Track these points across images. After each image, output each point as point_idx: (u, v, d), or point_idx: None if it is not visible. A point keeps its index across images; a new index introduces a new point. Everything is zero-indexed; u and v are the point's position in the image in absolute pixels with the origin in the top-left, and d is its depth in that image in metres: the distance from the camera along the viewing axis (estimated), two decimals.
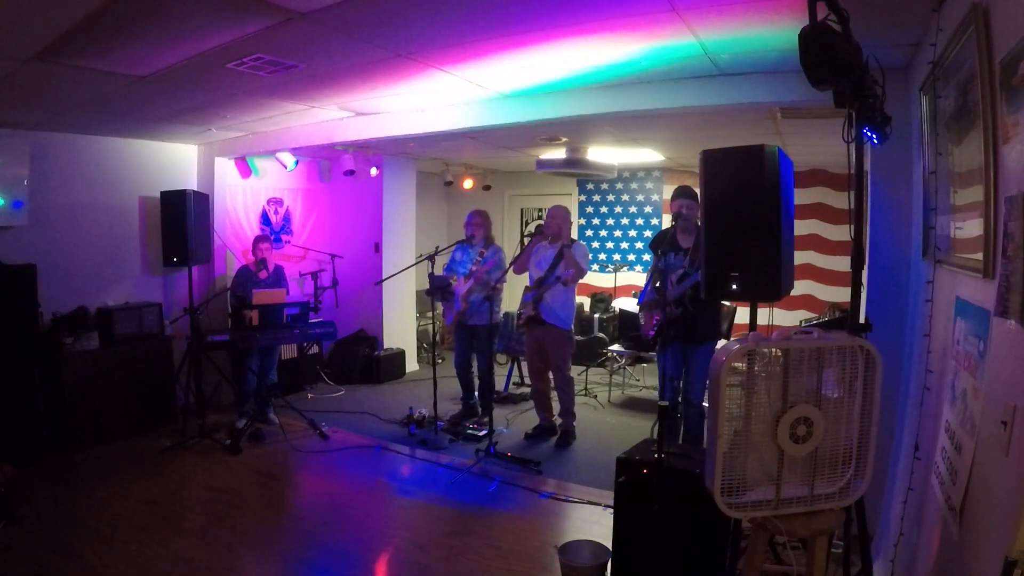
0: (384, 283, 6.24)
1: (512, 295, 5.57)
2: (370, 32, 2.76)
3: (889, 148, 2.54)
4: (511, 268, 4.85)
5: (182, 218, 5.01)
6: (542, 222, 8.67)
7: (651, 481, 2.67)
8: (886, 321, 2.75)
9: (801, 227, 6.64)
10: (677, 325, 3.85)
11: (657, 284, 3.95)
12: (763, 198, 2.25)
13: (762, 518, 1.78)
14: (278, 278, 5.47)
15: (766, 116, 4.15)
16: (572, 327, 4.92)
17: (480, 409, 5.43)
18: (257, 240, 5.41)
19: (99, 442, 4.72)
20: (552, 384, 5.00)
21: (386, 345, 7.09)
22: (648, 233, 7.99)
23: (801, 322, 6.01)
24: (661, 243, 3.93)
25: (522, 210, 8.92)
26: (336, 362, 6.93)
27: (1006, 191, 1.45)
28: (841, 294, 6.40)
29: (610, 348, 6.44)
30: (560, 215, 4.87)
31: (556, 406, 5.08)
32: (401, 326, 7.38)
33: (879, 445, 1.80)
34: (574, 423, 5.00)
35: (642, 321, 4.32)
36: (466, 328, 5.19)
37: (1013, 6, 1.43)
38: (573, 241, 4.87)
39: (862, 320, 1.96)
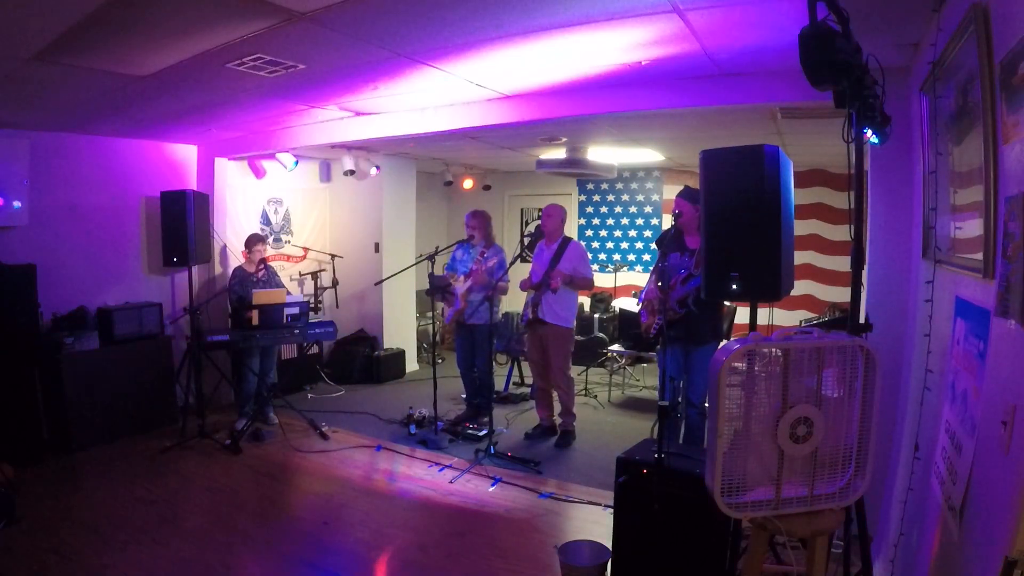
0: (384, 283, 6.24)
1: (513, 296, 5.58)
2: (370, 32, 2.76)
3: (889, 148, 2.55)
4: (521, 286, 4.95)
5: (182, 218, 5.01)
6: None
7: (651, 481, 2.67)
8: (886, 321, 2.75)
9: (801, 227, 6.64)
10: (679, 326, 3.85)
11: (659, 283, 3.94)
12: (763, 198, 2.25)
13: (762, 518, 1.78)
14: (271, 276, 5.48)
15: (766, 116, 4.15)
16: (573, 325, 4.95)
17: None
18: (255, 240, 5.39)
19: (99, 442, 4.72)
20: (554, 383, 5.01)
21: (386, 345, 7.08)
22: (648, 233, 7.99)
23: (801, 322, 6.01)
24: (665, 242, 3.92)
25: (522, 210, 8.92)
26: (336, 362, 6.93)
27: (1006, 191, 1.45)
28: (841, 294, 6.41)
29: (610, 348, 6.44)
30: (557, 213, 4.94)
31: (557, 406, 5.08)
32: (401, 326, 7.38)
33: (879, 445, 1.80)
34: (574, 423, 5.01)
35: (644, 320, 4.32)
36: (466, 328, 5.19)
37: (1013, 6, 1.43)
38: (569, 239, 4.90)
39: (862, 320, 1.96)
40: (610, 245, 8.24)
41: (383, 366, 6.83)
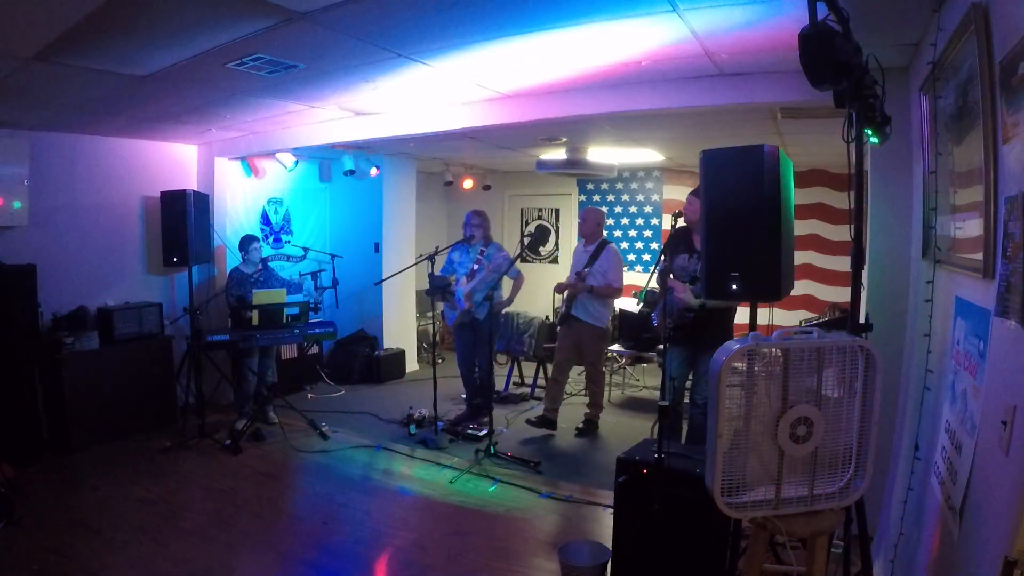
0: (384, 283, 6.24)
1: (520, 296, 5.56)
2: (370, 32, 2.76)
3: (889, 148, 2.54)
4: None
5: (182, 218, 5.01)
6: (543, 222, 8.76)
7: (651, 481, 2.67)
8: (886, 321, 2.75)
9: (801, 227, 6.64)
10: (687, 328, 3.83)
11: (653, 287, 3.92)
12: (763, 198, 2.24)
13: (762, 518, 1.78)
14: (269, 275, 5.48)
15: (766, 116, 4.15)
16: (607, 326, 5.13)
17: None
18: (250, 240, 5.38)
19: (99, 442, 4.72)
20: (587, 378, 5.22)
21: (386, 345, 7.08)
22: (648, 233, 7.98)
23: (801, 322, 6.01)
24: (673, 243, 3.91)
25: (522, 210, 8.92)
26: (336, 362, 6.93)
27: (1006, 191, 1.45)
28: (841, 294, 6.40)
29: (610, 348, 6.43)
30: (591, 216, 5.07)
31: (564, 409, 5.21)
32: (401, 326, 7.38)
33: (879, 445, 1.80)
34: (600, 414, 5.24)
35: (655, 323, 4.33)
36: (467, 327, 5.20)
37: (1013, 6, 1.43)
38: (606, 243, 4.99)
39: (862, 320, 1.96)
40: None
41: (383, 366, 6.83)
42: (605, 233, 5.26)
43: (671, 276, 3.91)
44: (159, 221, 5.21)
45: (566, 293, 5.05)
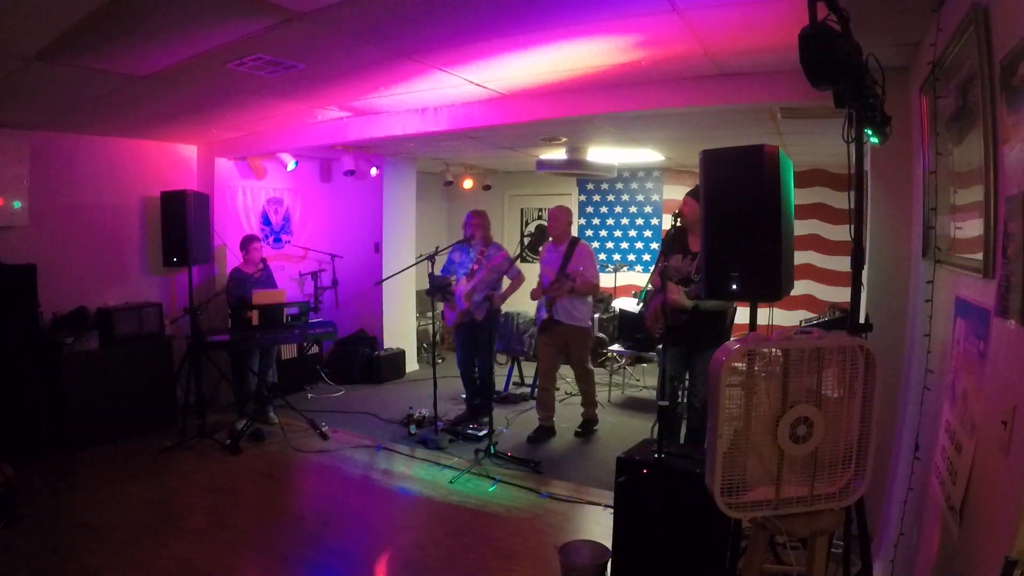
0: (384, 283, 6.24)
1: (517, 296, 5.56)
2: (370, 32, 2.76)
3: (889, 148, 2.54)
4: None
5: (182, 218, 5.01)
6: (543, 222, 8.75)
7: (651, 481, 2.67)
8: (886, 321, 2.75)
9: (801, 227, 6.64)
10: (681, 329, 3.82)
11: (651, 287, 3.93)
12: (763, 198, 2.25)
13: (762, 518, 1.78)
14: (269, 275, 5.48)
15: (766, 116, 4.15)
16: (591, 324, 5.09)
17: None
18: (251, 240, 5.39)
19: (99, 442, 4.72)
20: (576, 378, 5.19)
21: (386, 345, 7.09)
22: (648, 233, 7.99)
23: (801, 322, 6.01)
24: (670, 243, 3.91)
25: (522, 210, 8.93)
26: (336, 362, 6.94)
27: (1006, 191, 1.45)
28: (841, 294, 6.39)
29: (610, 348, 6.44)
30: (562, 216, 5.00)
31: (559, 409, 5.18)
32: (401, 326, 7.38)
33: (879, 445, 1.80)
34: (595, 411, 5.22)
35: (648, 323, 4.32)
36: (466, 328, 5.20)
37: (1013, 6, 1.43)
38: (577, 240, 4.92)
39: (862, 320, 1.96)
40: (610, 245, 8.24)
41: (383, 366, 6.83)
42: (575, 231, 5.22)
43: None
44: (159, 221, 5.20)
45: (544, 298, 4.96)
